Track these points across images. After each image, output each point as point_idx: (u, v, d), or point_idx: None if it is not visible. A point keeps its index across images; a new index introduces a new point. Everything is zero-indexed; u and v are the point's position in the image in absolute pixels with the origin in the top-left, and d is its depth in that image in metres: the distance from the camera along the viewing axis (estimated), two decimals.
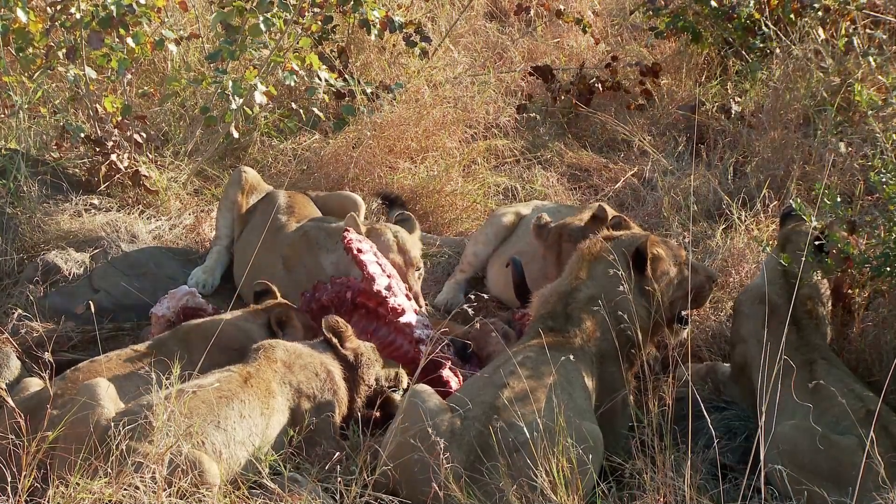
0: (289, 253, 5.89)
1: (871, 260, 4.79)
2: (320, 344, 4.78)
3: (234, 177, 6.45)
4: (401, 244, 5.74)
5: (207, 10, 7.90)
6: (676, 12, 8.16)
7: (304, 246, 5.87)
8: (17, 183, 6.45)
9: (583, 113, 8.06)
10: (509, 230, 6.30)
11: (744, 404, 5.00)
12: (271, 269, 5.85)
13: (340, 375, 4.69)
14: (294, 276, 5.82)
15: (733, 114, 7.57)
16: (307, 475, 4.26)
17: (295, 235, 5.96)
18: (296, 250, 5.88)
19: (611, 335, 4.60)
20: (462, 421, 4.26)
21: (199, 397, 4.18)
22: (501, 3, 9.57)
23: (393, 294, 5.14)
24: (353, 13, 7.52)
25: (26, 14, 6.52)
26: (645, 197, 7.02)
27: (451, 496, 4.01)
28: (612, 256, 4.79)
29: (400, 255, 5.70)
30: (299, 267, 5.84)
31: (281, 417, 4.43)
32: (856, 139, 6.63)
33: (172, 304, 5.37)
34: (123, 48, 6.64)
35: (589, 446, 4.18)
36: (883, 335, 4.96)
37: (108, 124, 6.73)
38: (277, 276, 5.80)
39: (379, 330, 5.15)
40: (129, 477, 3.79)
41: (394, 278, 5.26)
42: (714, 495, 4.26)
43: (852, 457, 4.19)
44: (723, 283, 5.83)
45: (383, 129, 7.25)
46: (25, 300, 5.83)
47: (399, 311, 5.11)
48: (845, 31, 7.49)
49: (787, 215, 5.26)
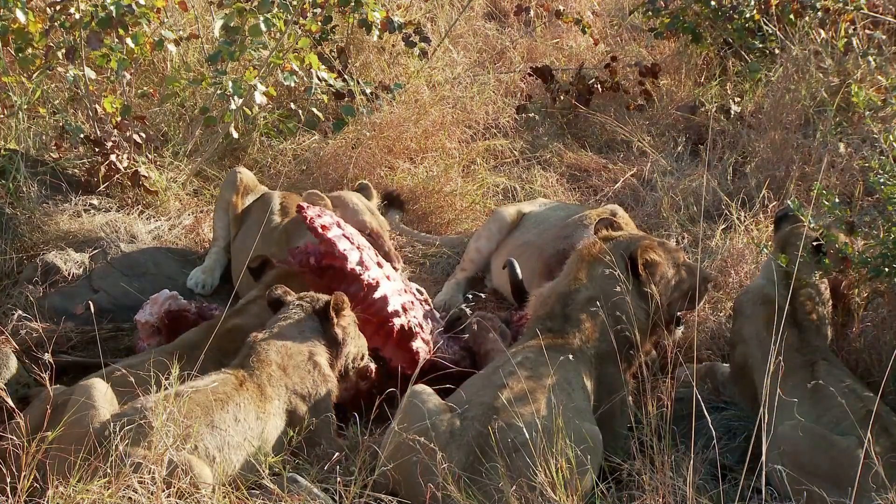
0: (276, 252, 5.90)
1: (870, 260, 4.79)
2: (308, 324, 4.70)
3: (228, 178, 6.46)
4: (370, 206, 6.03)
5: (207, 10, 7.90)
6: (676, 13, 8.16)
7: (286, 241, 5.87)
8: (17, 183, 6.44)
9: (582, 113, 8.06)
10: (513, 225, 6.33)
11: (743, 404, 5.00)
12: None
13: (326, 361, 4.65)
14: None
15: (733, 114, 7.57)
16: (306, 476, 4.26)
17: (278, 232, 5.99)
18: (280, 246, 5.88)
19: (609, 336, 4.60)
20: (461, 421, 4.26)
21: (194, 400, 4.17)
22: (501, 3, 9.57)
23: (366, 268, 5.09)
24: (353, 13, 7.52)
25: (26, 14, 6.52)
26: (644, 197, 7.02)
27: (450, 496, 4.02)
28: (610, 258, 4.80)
29: (373, 218, 5.98)
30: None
31: (278, 421, 4.42)
32: (855, 140, 6.64)
33: (155, 310, 5.38)
34: (123, 48, 6.63)
35: (588, 447, 4.19)
36: (882, 335, 4.96)
37: (107, 125, 6.73)
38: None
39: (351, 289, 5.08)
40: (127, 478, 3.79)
41: (364, 249, 5.22)
42: (714, 495, 4.26)
43: (852, 457, 4.19)
44: (722, 283, 5.83)
45: (382, 129, 7.25)
46: (25, 300, 5.82)
47: (374, 286, 5.07)
48: (845, 31, 7.49)
49: (782, 217, 5.26)
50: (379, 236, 5.86)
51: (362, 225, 5.83)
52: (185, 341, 5.00)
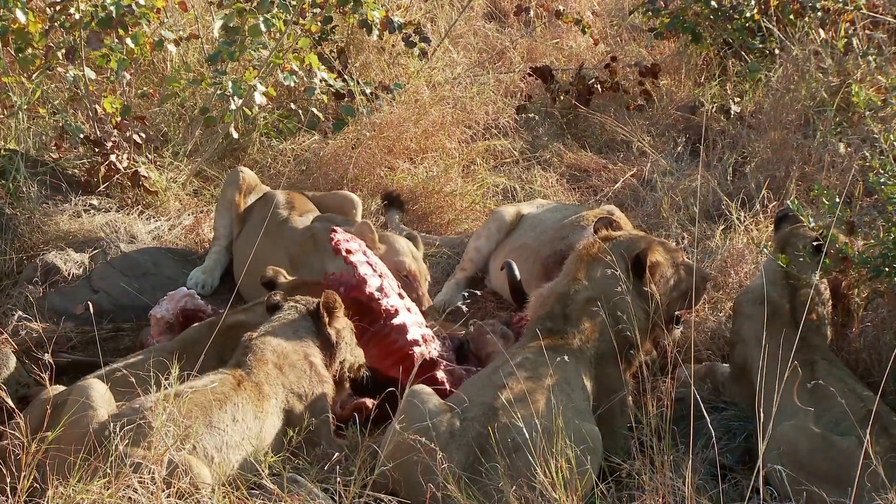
0: (296, 252, 5.89)
1: (870, 260, 4.78)
2: (302, 324, 4.71)
3: (231, 177, 6.45)
4: (414, 253, 5.87)
5: (207, 10, 7.90)
6: (676, 13, 8.16)
7: (312, 246, 5.87)
8: (17, 183, 6.44)
9: (582, 113, 8.06)
10: (512, 226, 6.32)
11: (743, 404, 4.99)
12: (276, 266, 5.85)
13: (321, 362, 4.65)
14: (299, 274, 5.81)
15: (733, 114, 7.57)
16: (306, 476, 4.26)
17: (304, 234, 5.96)
18: (304, 249, 5.88)
19: (609, 336, 4.59)
20: (461, 421, 4.26)
21: (192, 400, 4.17)
22: (501, 3, 9.57)
23: (385, 295, 5.11)
24: (353, 14, 7.52)
25: (26, 14, 6.52)
26: (644, 197, 7.02)
27: (450, 496, 4.01)
28: (610, 258, 4.79)
29: (414, 262, 5.82)
30: (305, 267, 5.83)
31: (275, 420, 4.42)
32: (855, 140, 6.64)
33: (171, 306, 5.38)
34: (123, 49, 6.63)
35: (588, 447, 4.18)
36: (882, 336, 4.96)
37: (107, 125, 6.73)
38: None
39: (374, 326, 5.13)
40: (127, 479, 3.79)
41: (385, 278, 5.23)
42: (713, 496, 4.26)
43: (852, 457, 4.19)
44: (722, 283, 5.83)
45: (382, 129, 7.24)
46: (25, 301, 5.83)
47: (392, 313, 5.09)
48: (845, 31, 7.49)
49: (782, 218, 5.26)
50: (415, 279, 5.74)
51: (401, 265, 5.73)
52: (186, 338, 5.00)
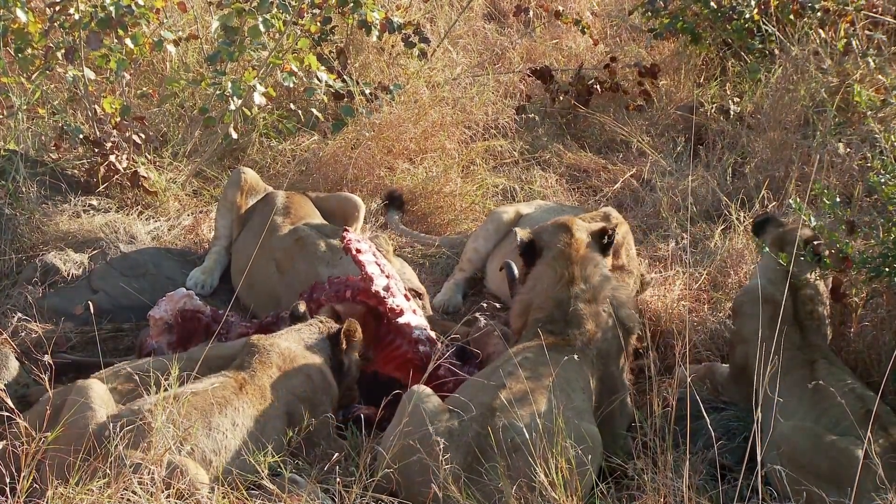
0: (281, 257, 5.88)
1: (870, 260, 4.79)
2: (320, 343, 4.76)
3: (233, 177, 6.44)
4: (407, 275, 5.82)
5: (206, 10, 7.90)
6: (675, 13, 8.16)
7: (298, 250, 5.85)
8: (16, 184, 6.44)
9: (581, 114, 8.06)
10: (510, 226, 6.31)
11: (743, 405, 4.99)
12: (265, 272, 5.85)
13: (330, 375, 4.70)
14: (287, 279, 5.80)
15: (732, 115, 7.57)
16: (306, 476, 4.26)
17: (288, 239, 5.93)
18: (288, 254, 5.86)
19: (611, 334, 4.61)
20: (460, 422, 4.26)
21: (192, 403, 4.17)
22: (500, 4, 9.57)
23: (391, 294, 5.14)
24: (353, 14, 7.52)
25: (25, 14, 6.52)
26: (644, 198, 7.03)
27: (450, 497, 4.01)
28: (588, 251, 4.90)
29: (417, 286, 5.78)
30: (292, 271, 5.82)
31: (277, 423, 4.42)
32: (855, 140, 6.64)
33: (170, 307, 5.37)
34: (122, 49, 6.63)
35: (588, 447, 4.19)
36: (881, 335, 4.96)
37: (106, 125, 6.72)
38: (271, 278, 5.80)
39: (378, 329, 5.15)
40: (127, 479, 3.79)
41: (392, 279, 5.26)
42: (713, 496, 4.26)
43: (851, 457, 4.19)
44: (721, 283, 5.84)
45: (382, 130, 7.24)
46: (24, 301, 5.82)
47: (397, 312, 5.11)
48: (844, 32, 7.49)
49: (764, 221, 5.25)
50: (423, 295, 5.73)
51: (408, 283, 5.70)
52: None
